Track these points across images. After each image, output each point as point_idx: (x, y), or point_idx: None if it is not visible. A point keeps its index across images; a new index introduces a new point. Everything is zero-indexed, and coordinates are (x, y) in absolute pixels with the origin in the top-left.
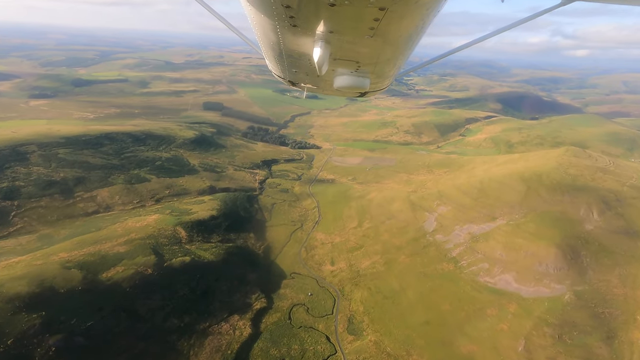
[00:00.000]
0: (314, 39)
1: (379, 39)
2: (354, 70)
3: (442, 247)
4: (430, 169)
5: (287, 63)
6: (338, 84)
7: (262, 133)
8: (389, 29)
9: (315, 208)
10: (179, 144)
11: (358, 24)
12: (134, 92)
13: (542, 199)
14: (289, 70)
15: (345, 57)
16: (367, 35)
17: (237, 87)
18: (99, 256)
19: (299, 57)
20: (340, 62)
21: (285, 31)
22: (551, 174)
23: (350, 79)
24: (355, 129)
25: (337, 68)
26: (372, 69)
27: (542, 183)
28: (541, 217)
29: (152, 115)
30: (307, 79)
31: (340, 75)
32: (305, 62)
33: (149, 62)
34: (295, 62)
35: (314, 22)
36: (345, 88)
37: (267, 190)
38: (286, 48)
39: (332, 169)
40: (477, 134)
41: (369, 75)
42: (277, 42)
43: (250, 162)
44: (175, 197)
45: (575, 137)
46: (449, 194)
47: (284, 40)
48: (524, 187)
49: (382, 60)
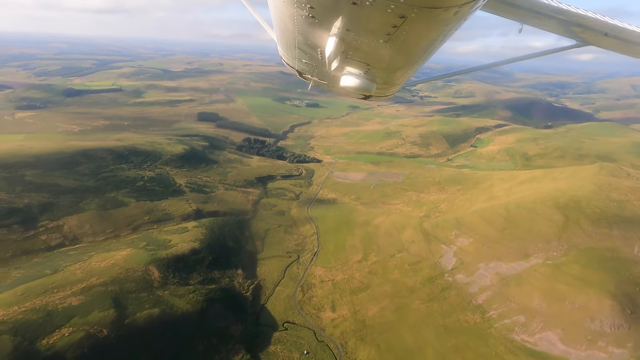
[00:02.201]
0: (329, 33)
1: (393, 46)
2: (363, 72)
3: (465, 290)
4: (441, 186)
5: (299, 53)
6: (345, 82)
7: (259, 145)
8: (405, 37)
9: (314, 235)
10: (165, 161)
11: (375, 27)
12: (126, 102)
13: (585, 233)
14: (298, 60)
15: (357, 57)
16: (382, 40)
17: (235, 96)
18: (44, 313)
19: (311, 49)
20: (351, 62)
21: (302, 21)
22: (591, 199)
23: (357, 80)
24: (358, 139)
25: (346, 66)
26: (381, 74)
27: (583, 212)
28: (586, 256)
29: (142, 128)
30: (316, 71)
31: (348, 74)
32: (316, 55)
33: (147, 70)
34: (306, 53)
35: (332, 17)
36: (351, 88)
37: (261, 213)
38: (300, 38)
39: (333, 186)
40: (489, 144)
41: (377, 80)
42: (292, 30)
43: (243, 180)
44: (155, 223)
45: (599, 148)
46: (469, 222)
47: (300, 30)
48: (561, 217)
49: (392, 67)
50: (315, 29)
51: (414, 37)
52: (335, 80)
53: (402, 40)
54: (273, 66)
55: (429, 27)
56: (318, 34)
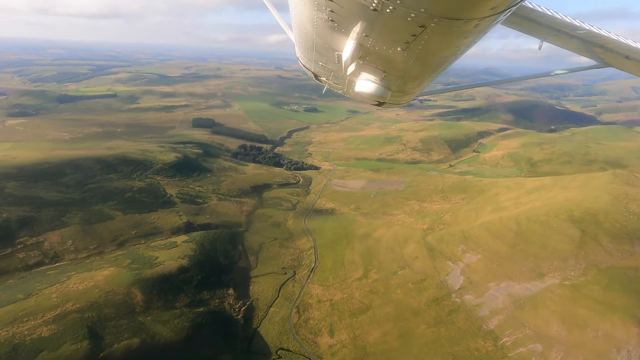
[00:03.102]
0: (348, 38)
1: (411, 55)
2: (378, 79)
3: (475, 313)
4: (444, 194)
5: (316, 55)
6: (360, 88)
7: (255, 152)
8: (424, 47)
9: (312, 249)
10: (156, 170)
11: (394, 34)
12: (121, 108)
13: (604, 250)
14: (315, 63)
15: (374, 63)
16: (400, 48)
17: (232, 101)
18: (9, 347)
19: (328, 52)
20: (368, 68)
21: (321, 24)
22: (609, 212)
23: (372, 86)
24: (357, 145)
25: (363, 72)
26: (397, 82)
27: (601, 226)
28: (607, 276)
29: (135, 135)
30: (332, 75)
31: (364, 80)
32: (333, 59)
33: (143, 75)
34: (323, 56)
35: (352, 22)
36: (365, 94)
37: (255, 224)
38: (319, 41)
39: (331, 195)
40: (492, 149)
41: (392, 87)
42: (311, 32)
43: (238, 189)
44: (142, 238)
45: (607, 153)
46: (476, 236)
47: (319, 33)
48: (577, 232)
49: (408, 75)
50: (334, 32)
51: (432, 47)
52: (350, 85)
53: (420, 49)
54: (271, 70)
55: (448, 38)
56: (337, 37)
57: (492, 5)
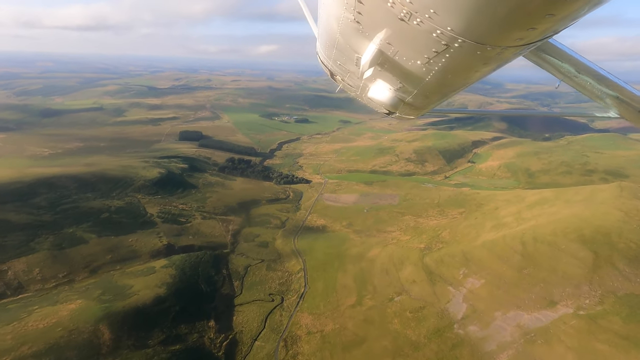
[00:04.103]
0: (370, 42)
1: (429, 70)
2: (393, 88)
3: (481, 348)
4: (441, 209)
5: (336, 53)
6: (373, 93)
7: (243, 166)
8: (444, 65)
9: (301, 272)
10: (137, 187)
11: (417, 48)
12: (106, 121)
13: (621, 275)
14: (334, 61)
15: (392, 72)
16: (421, 62)
17: (221, 113)
18: None
19: (348, 53)
20: (385, 75)
21: (347, 24)
22: (622, 231)
23: (386, 94)
24: (349, 157)
25: (379, 78)
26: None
27: (615, 247)
28: (627, 306)
29: (118, 150)
30: (347, 76)
31: (378, 87)
32: (352, 60)
33: (132, 88)
34: (343, 56)
35: (376, 27)
36: (378, 101)
37: (242, 245)
38: (341, 40)
39: (323, 210)
40: (487, 159)
41: (405, 99)
42: (335, 30)
43: (224, 206)
44: (118, 264)
45: (607, 163)
46: (478, 257)
47: (342, 32)
48: (589, 254)
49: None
50: (358, 34)
51: (451, 67)
52: (364, 89)
53: (440, 67)
54: (262, 81)
55: (468, 61)
56: (359, 39)
57: (519, 37)
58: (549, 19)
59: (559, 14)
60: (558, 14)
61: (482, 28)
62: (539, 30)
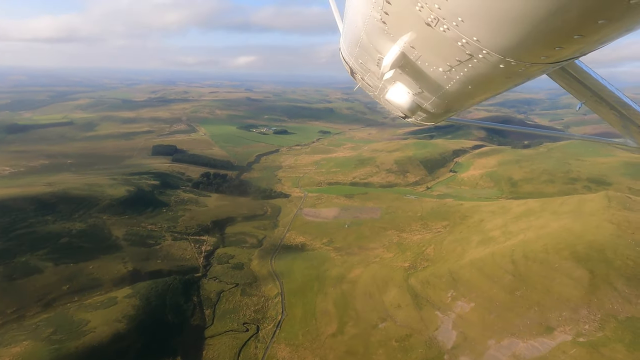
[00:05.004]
0: (394, 43)
1: (451, 79)
2: (412, 92)
3: None
4: (424, 222)
5: (359, 51)
6: (391, 96)
7: (219, 181)
8: (465, 75)
9: (279, 296)
10: (102, 207)
11: (440, 54)
12: (76, 136)
13: (621, 296)
14: (355, 59)
15: (412, 76)
16: (442, 69)
17: (198, 125)
18: None
19: (371, 52)
20: (405, 79)
21: (372, 23)
22: (617, 247)
23: (404, 98)
24: (329, 168)
25: (398, 81)
26: (429, 101)
27: (611, 265)
28: (630, 331)
29: (85, 167)
30: (367, 75)
31: (397, 89)
32: (374, 60)
33: (105, 101)
34: (365, 54)
35: (402, 29)
36: (395, 103)
37: (215, 268)
38: (365, 38)
39: (302, 226)
40: (469, 169)
41: (422, 104)
42: (360, 28)
43: (197, 225)
44: (76, 294)
45: (589, 170)
46: (466, 278)
47: (367, 31)
48: (585, 273)
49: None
50: (383, 34)
51: (473, 78)
52: (382, 91)
53: (461, 76)
54: (241, 92)
55: (491, 73)
56: (383, 40)
57: (545, 54)
58: (577, 39)
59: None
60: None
61: (508, 42)
62: (567, 51)
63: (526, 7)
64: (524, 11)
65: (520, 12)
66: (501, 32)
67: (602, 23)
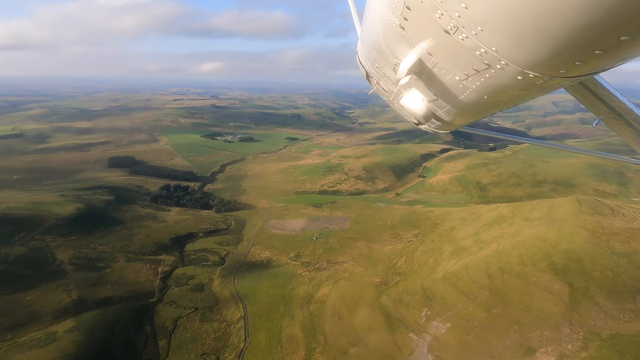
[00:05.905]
0: (412, 49)
1: (467, 88)
2: (427, 100)
3: None
4: (395, 231)
5: (375, 55)
6: (405, 102)
7: (180, 193)
8: (482, 85)
9: (241, 320)
10: (47, 228)
11: (458, 63)
12: (26, 149)
13: (603, 311)
14: (372, 62)
15: (428, 83)
16: (459, 78)
17: (159, 135)
18: None
19: (388, 57)
20: (420, 86)
21: (391, 28)
22: (595, 256)
23: (419, 105)
24: (297, 176)
25: (414, 88)
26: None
27: (590, 276)
28: (615, 349)
29: (32, 183)
30: (383, 80)
31: (412, 96)
32: (390, 65)
33: (60, 111)
34: (382, 59)
35: (420, 35)
36: (409, 110)
37: (172, 291)
38: (383, 43)
39: (268, 240)
40: (437, 173)
41: (437, 112)
42: (378, 32)
43: (154, 244)
44: (9, 331)
45: (555, 172)
46: (440, 295)
47: (385, 35)
48: (564, 287)
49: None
50: (400, 40)
51: (489, 88)
52: (397, 96)
53: (477, 86)
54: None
55: (508, 84)
56: (401, 45)
57: (564, 68)
58: (599, 55)
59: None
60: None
61: (527, 54)
62: (587, 66)
63: (547, 20)
64: (545, 25)
65: (541, 25)
66: (521, 43)
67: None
